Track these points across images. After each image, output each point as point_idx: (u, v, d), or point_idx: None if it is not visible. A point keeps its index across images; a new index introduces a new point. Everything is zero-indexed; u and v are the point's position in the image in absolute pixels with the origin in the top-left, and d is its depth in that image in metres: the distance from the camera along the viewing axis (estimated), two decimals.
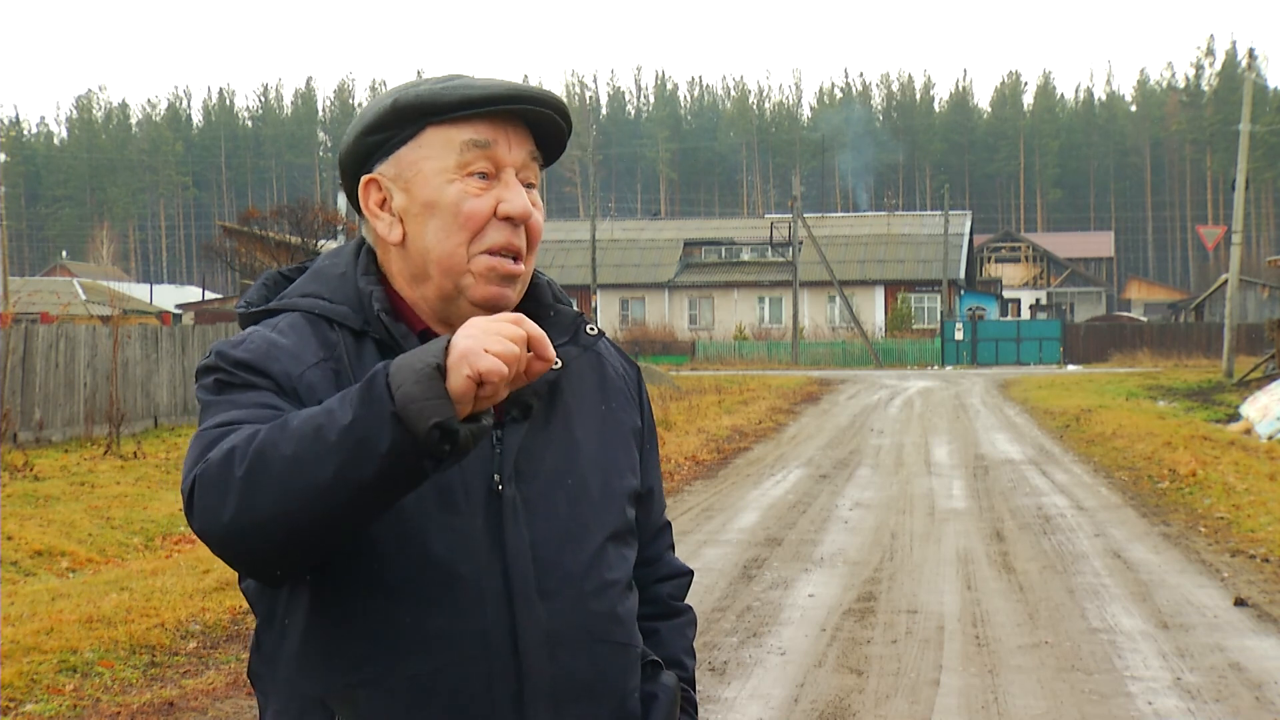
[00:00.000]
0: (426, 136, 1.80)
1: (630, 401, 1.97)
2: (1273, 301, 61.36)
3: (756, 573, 9.44)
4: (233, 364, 1.74)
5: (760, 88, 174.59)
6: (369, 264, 1.85)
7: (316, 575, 1.73)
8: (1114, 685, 6.48)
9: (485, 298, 1.78)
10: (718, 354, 58.80)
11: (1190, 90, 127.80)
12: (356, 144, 1.84)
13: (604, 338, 1.99)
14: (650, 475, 2.00)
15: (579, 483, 1.82)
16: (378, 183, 1.83)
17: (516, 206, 1.78)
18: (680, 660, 2.03)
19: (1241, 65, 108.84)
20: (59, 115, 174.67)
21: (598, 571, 1.81)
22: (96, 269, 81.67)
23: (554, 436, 1.82)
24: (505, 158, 1.80)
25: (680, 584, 2.08)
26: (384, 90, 1.93)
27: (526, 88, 1.81)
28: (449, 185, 1.78)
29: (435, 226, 1.78)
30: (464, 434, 1.53)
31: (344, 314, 1.80)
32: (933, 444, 19.62)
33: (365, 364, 1.75)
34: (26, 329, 17.90)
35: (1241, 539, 10.69)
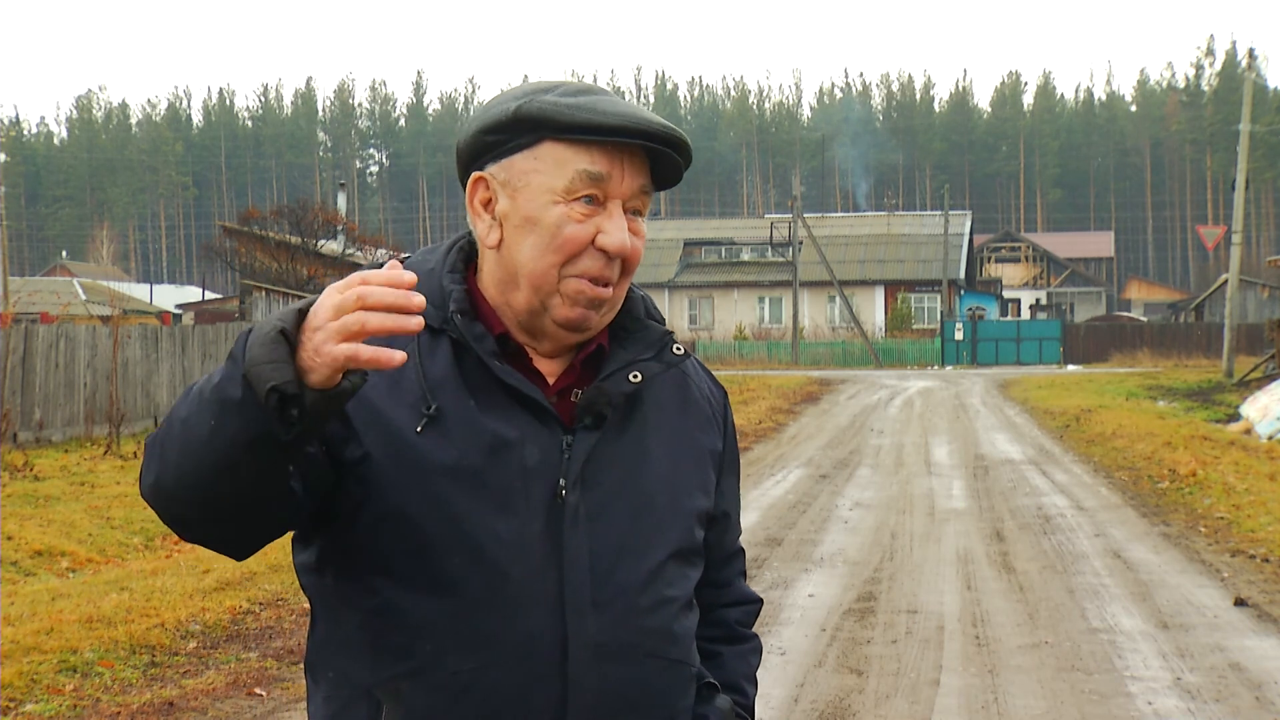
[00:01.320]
0: (543, 150, 1.77)
1: (713, 424, 1.97)
2: (1273, 301, 61.35)
3: (756, 573, 9.44)
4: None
5: (760, 88, 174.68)
6: (457, 262, 1.85)
7: (369, 567, 1.74)
8: (1114, 685, 6.48)
9: (568, 319, 1.78)
10: (718, 354, 58.80)
11: (1190, 90, 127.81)
12: (474, 140, 1.82)
13: (692, 358, 1.98)
14: (726, 500, 2.00)
15: (646, 496, 1.82)
16: (486, 182, 1.81)
17: (615, 242, 1.76)
18: (740, 686, 2.03)
19: (1241, 65, 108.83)
20: (59, 115, 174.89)
21: (655, 587, 1.81)
22: (96, 269, 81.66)
23: (626, 448, 1.82)
24: (616, 189, 1.77)
25: (749, 611, 2.09)
26: (505, 90, 1.89)
27: (652, 122, 1.77)
28: (554, 206, 1.76)
29: (532, 243, 1.76)
30: (310, 399, 1.50)
31: (425, 311, 1.73)
32: (933, 444, 19.62)
33: (438, 360, 1.77)
34: (26, 329, 17.90)
35: (1241, 539, 10.69)
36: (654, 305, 1.95)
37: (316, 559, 1.80)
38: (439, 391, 1.75)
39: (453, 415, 1.74)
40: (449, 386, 1.76)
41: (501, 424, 1.75)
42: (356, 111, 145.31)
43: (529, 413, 1.77)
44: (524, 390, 1.77)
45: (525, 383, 1.77)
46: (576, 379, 1.84)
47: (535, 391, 1.77)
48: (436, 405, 1.74)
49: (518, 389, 1.76)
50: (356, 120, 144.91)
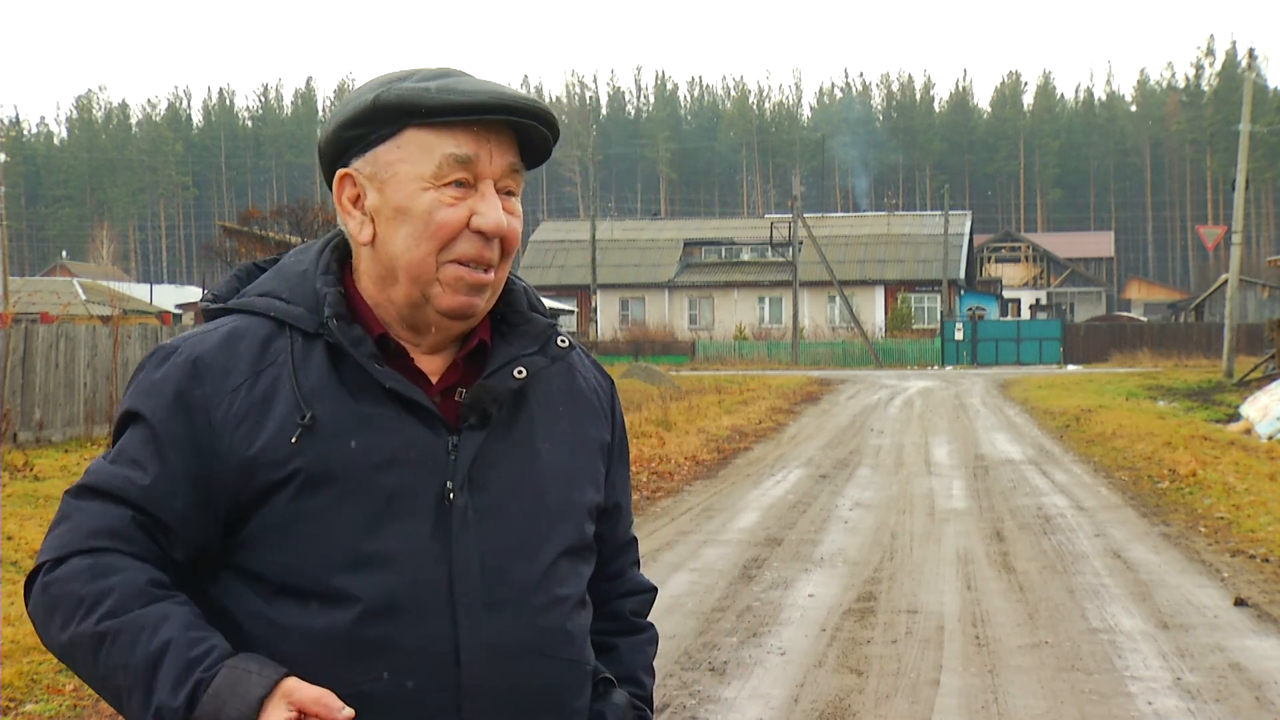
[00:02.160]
0: (406, 138, 1.74)
1: (600, 415, 1.93)
2: (1273, 301, 61.35)
3: (756, 573, 9.44)
4: (155, 381, 1.74)
5: (760, 88, 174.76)
6: (330, 263, 1.81)
7: (255, 583, 1.72)
8: (1114, 685, 6.48)
9: (452, 307, 1.75)
10: (718, 354, 58.81)
11: (1190, 90, 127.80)
12: (335, 136, 1.79)
13: (577, 349, 1.94)
14: (617, 491, 1.96)
15: (536, 494, 1.79)
16: (352, 178, 1.78)
17: (490, 221, 1.73)
18: (637, 678, 1.99)
19: (1241, 65, 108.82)
20: (59, 115, 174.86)
21: (548, 586, 1.78)
22: (96, 269, 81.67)
23: (514, 446, 1.79)
24: (485, 169, 1.75)
25: (643, 600, 2.04)
26: (362, 84, 1.84)
27: (514, 97, 1.74)
28: (423, 193, 1.73)
29: (406, 233, 1.73)
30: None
31: (298, 315, 1.76)
32: (933, 444, 19.62)
33: (312, 367, 1.73)
34: (26, 329, 17.90)
35: (1241, 539, 10.69)
36: (537, 297, 1.91)
37: (203, 581, 1.77)
38: (315, 400, 1.72)
39: (330, 423, 1.71)
40: (326, 393, 1.72)
41: (383, 428, 1.72)
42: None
43: (412, 415, 1.74)
44: (405, 393, 1.73)
45: (407, 384, 1.74)
46: (460, 377, 1.80)
47: (417, 393, 1.74)
48: (311, 414, 1.71)
49: (398, 391, 1.73)
50: None
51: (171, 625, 1.65)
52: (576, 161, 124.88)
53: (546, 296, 51.95)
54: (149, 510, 1.70)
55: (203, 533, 1.73)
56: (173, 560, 1.72)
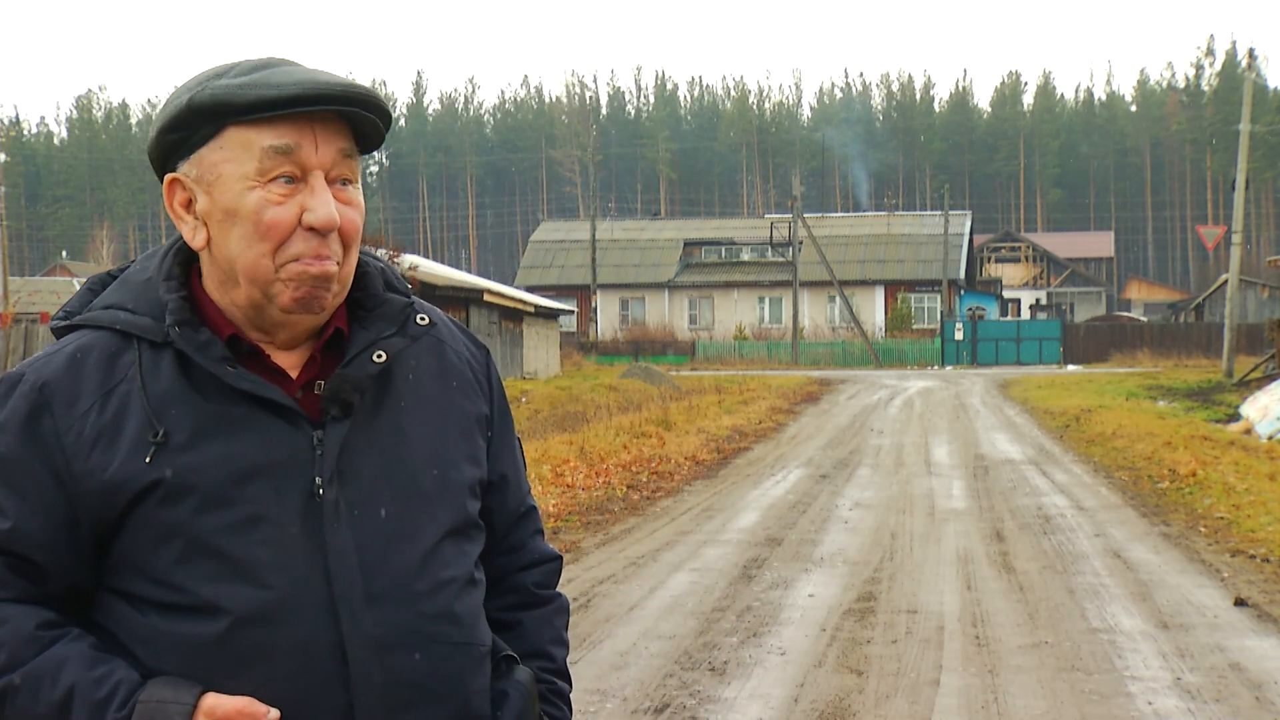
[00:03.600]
0: (227, 136, 1.68)
1: (475, 387, 1.89)
2: (1273, 301, 61.36)
3: (756, 573, 9.44)
4: (3, 442, 1.69)
5: (760, 88, 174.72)
6: (173, 268, 1.76)
7: (136, 601, 1.69)
8: (1114, 685, 6.48)
9: (296, 300, 1.70)
10: (718, 354, 58.82)
11: (1190, 90, 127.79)
12: (158, 141, 1.73)
13: (448, 324, 1.91)
14: (501, 462, 1.92)
15: (409, 479, 1.75)
16: (181, 182, 1.73)
17: (320, 217, 1.67)
18: (545, 651, 1.95)
19: (1241, 65, 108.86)
20: (59, 115, 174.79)
21: (431, 570, 1.74)
22: (96, 269, 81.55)
23: (381, 432, 1.75)
24: (311, 160, 1.69)
25: (548, 570, 1.99)
26: (180, 84, 1.78)
27: (331, 84, 1.68)
28: (249, 193, 1.67)
29: (238, 235, 1.68)
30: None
31: (144, 326, 1.72)
32: (933, 444, 19.62)
33: (161, 377, 1.69)
34: (26, 329, 17.92)
35: (1241, 539, 10.69)
36: (396, 276, 1.86)
37: (87, 608, 1.74)
38: (166, 412, 1.68)
39: (185, 435, 1.67)
40: (179, 403, 1.68)
41: (242, 433, 1.68)
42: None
43: (272, 414, 1.70)
44: (261, 392, 1.69)
45: (261, 384, 1.70)
46: (320, 369, 1.76)
47: (273, 391, 1.70)
48: (164, 430, 1.67)
49: (254, 392, 1.69)
50: None
51: (71, 668, 1.62)
52: (576, 161, 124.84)
53: (546, 296, 51.93)
54: (16, 552, 1.66)
55: (74, 562, 1.69)
56: (53, 595, 1.69)
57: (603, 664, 6.83)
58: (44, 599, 1.69)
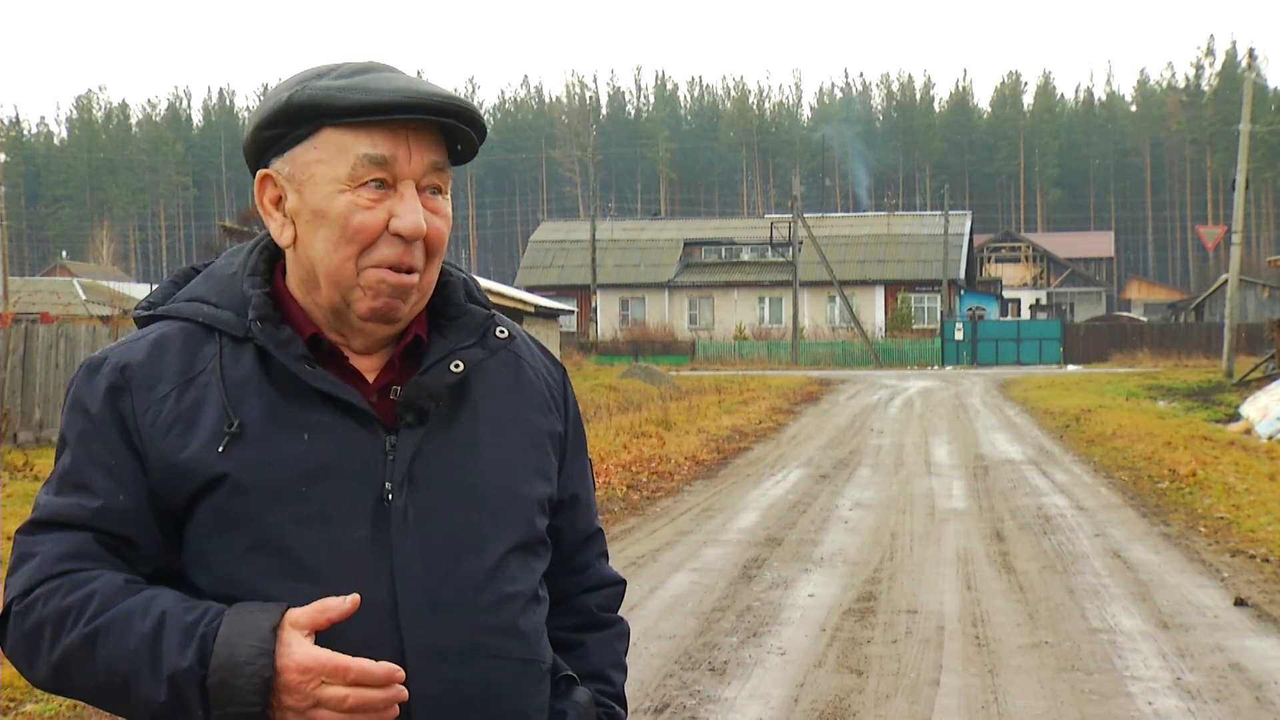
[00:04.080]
0: (322, 138, 1.69)
1: (551, 405, 1.88)
2: (1273, 301, 61.35)
3: (756, 573, 9.44)
4: (87, 398, 1.71)
5: (760, 88, 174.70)
6: (259, 263, 1.77)
7: (201, 590, 1.69)
8: (1114, 685, 6.48)
9: (373, 310, 1.70)
10: (718, 354, 58.81)
11: (1190, 90, 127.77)
12: (254, 137, 1.74)
13: (526, 340, 1.91)
14: (573, 482, 1.92)
15: (479, 491, 1.74)
16: (272, 179, 1.73)
17: (408, 224, 1.67)
18: (605, 674, 1.94)
19: (1241, 65, 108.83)
20: (59, 115, 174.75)
21: (497, 584, 1.73)
22: (96, 269, 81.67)
23: (455, 442, 1.74)
24: (404, 170, 1.69)
25: (610, 594, 1.99)
26: (283, 79, 1.79)
27: (431, 95, 1.68)
28: (339, 195, 1.67)
29: (324, 236, 1.68)
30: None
31: (226, 320, 1.73)
32: (933, 444, 19.62)
33: (241, 371, 1.70)
34: (26, 329, 17.90)
35: (1241, 539, 10.69)
36: (478, 287, 1.86)
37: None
38: (243, 406, 1.68)
39: (259, 429, 1.68)
40: (256, 398, 1.69)
41: (316, 433, 1.68)
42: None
43: (347, 416, 1.69)
44: (337, 394, 1.69)
45: (339, 385, 1.69)
46: (397, 374, 1.76)
47: (350, 394, 1.69)
48: (240, 421, 1.67)
49: (330, 393, 1.69)
50: None
51: (163, 599, 1.63)
52: (576, 161, 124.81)
53: (546, 296, 51.94)
54: (108, 529, 1.68)
55: (162, 541, 1.70)
56: (144, 575, 1.70)
57: None
58: (133, 572, 1.70)
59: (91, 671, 1.62)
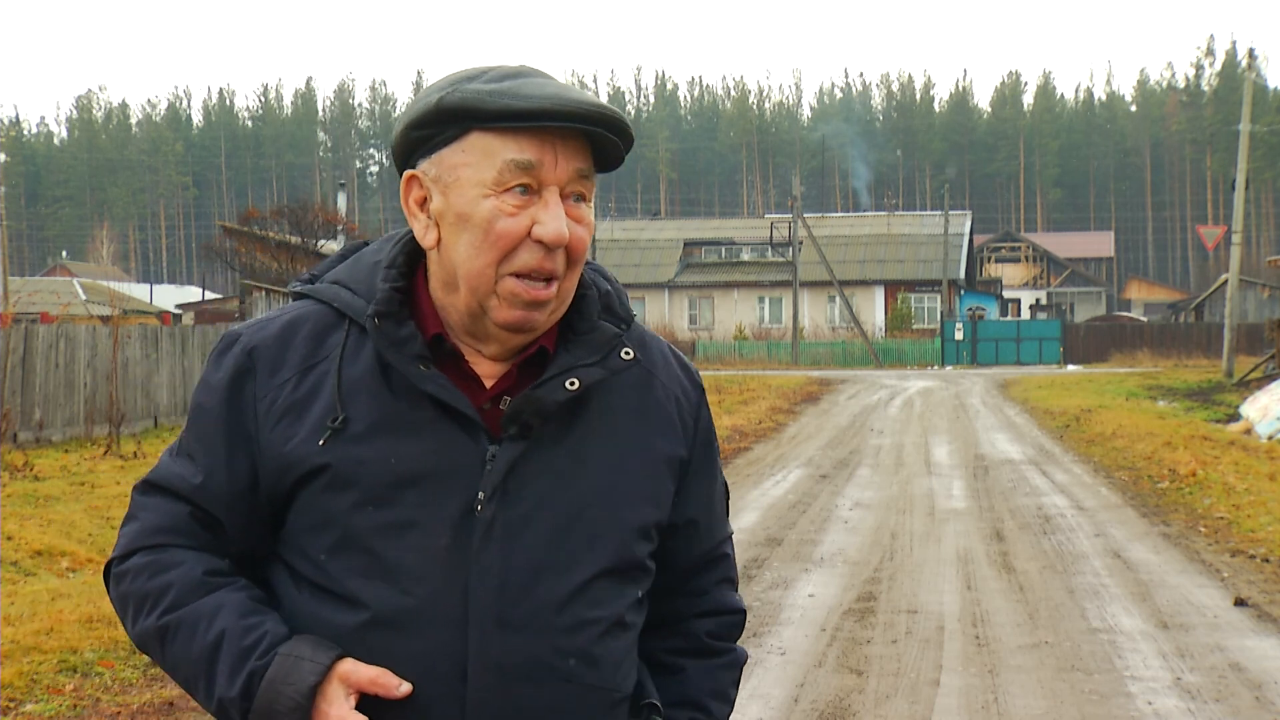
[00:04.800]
0: (470, 141, 1.69)
1: (677, 427, 1.84)
2: (1273, 301, 61.35)
3: (756, 572, 9.44)
4: (214, 374, 1.78)
5: (760, 88, 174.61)
6: (397, 257, 1.78)
7: (282, 580, 1.76)
8: (1114, 685, 6.48)
9: (508, 321, 1.70)
10: (718, 354, 58.80)
11: (1190, 90, 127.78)
12: (404, 136, 1.75)
13: (668, 359, 1.87)
14: (692, 506, 1.87)
15: (575, 510, 1.72)
16: (419, 180, 1.74)
17: (550, 231, 1.67)
18: (702, 704, 1.89)
19: (1241, 65, 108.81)
20: (59, 115, 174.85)
21: (576, 607, 1.71)
22: (96, 269, 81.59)
23: (559, 458, 1.73)
24: (549, 176, 1.69)
25: (725, 622, 1.94)
26: (426, 84, 1.83)
27: (579, 102, 1.68)
28: (484, 200, 1.68)
29: (466, 241, 1.69)
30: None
31: (358, 309, 1.74)
32: (933, 444, 19.62)
33: (360, 363, 1.73)
34: (26, 329, 17.90)
35: (1241, 539, 10.69)
36: (620, 302, 1.84)
37: (259, 568, 1.81)
38: (353, 400, 1.71)
39: (364, 425, 1.70)
40: (366, 392, 1.71)
41: (417, 433, 1.69)
42: (356, 111, 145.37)
43: (452, 421, 1.70)
44: (445, 398, 1.69)
45: (448, 389, 1.70)
46: (514, 384, 1.75)
47: (457, 398, 1.70)
48: (345, 416, 1.69)
49: (438, 396, 1.69)
50: (356, 120, 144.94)
51: (226, 614, 1.69)
52: None
53: None
54: (203, 506, 1.75)
55: (251, 526, 1.76)
56: (229, 554, 1.78)
57: None
58: (221, 551, 1.77)
59: (163, 660, 1.76)
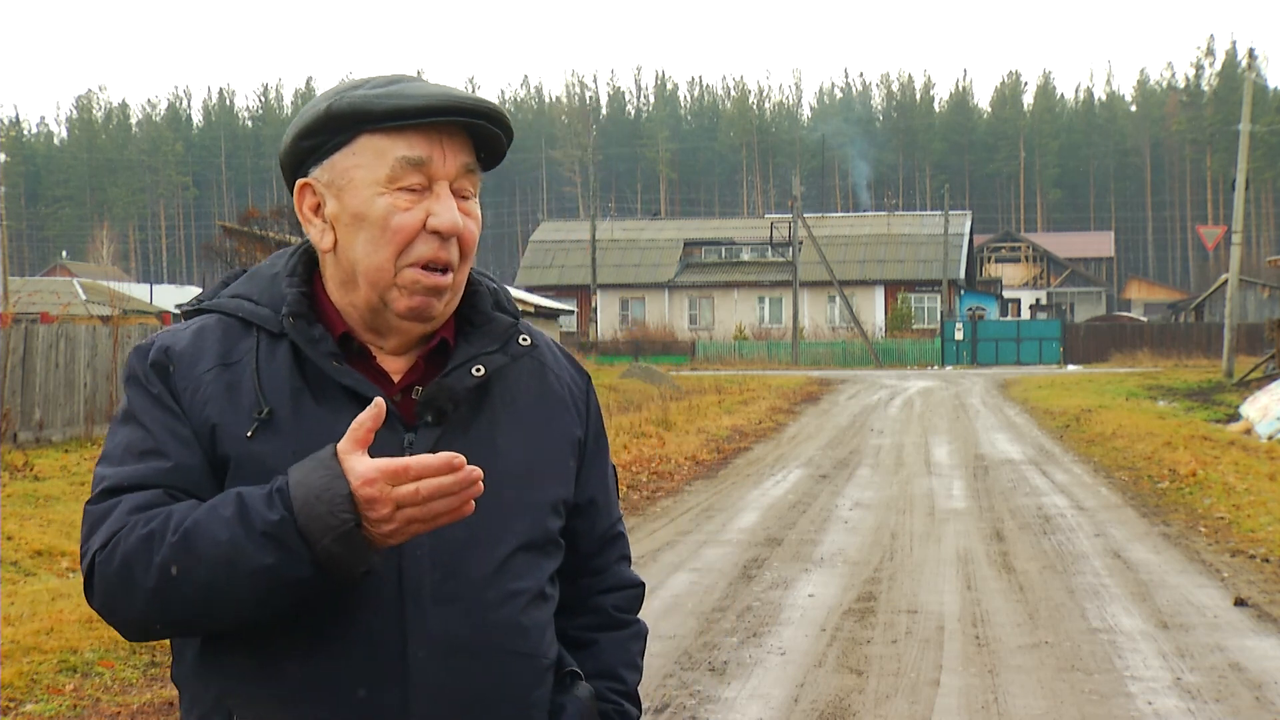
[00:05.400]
0: (360, 144, 1.78)
1: (573, 411, 1.96)
2: (1273, 301, 61.34)
3: (756, 573, 9.44)
4: (143, 375, 1.81)
5: (760, 88, 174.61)
6: (298, 265, 1.86)
7: None
8: (1114, 685, 6.48)
9: (410, 308, 1.79)
10: (718, 354, 58.80)
11: (1190, 90, 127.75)
12: (293, 147, 1.83)
13: (552, 348, 1.98)
14: (591, 486, 1.98)
15: (492, 490, 1.77)
16: (311, 187, 1.82)
17: (445, 222, 1.77)
18: (617, 673, 2.01)
19: (1241, 65, 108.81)
20: (59, 115, 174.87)
21: (502, 580, 1.80)
22: (96, 269, 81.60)
23: (472, 443, 1.80)
24: (439, 171, 1.78)
25: (628, 596, 2.05)
26: (317, 94, 1.89)
27: (464, 98, 1.78)
28: (379, 198, 1.76)
29: (364, 238, 1.77)
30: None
31: (264, 316, 1.82)
32: (933, 444, 19.62)
33: (275, 365, 1.79)
34: (26, 329, 17.90)
35: (1241, 539, 10.69)
36: (507, 298, 1.94)
37: None
38: (274, 395, 1.77)
39: (288, 419, 1.77)
40: (286, 390, 1.78)
41: (339, 425, 1.73)
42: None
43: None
44: (362, 390, 1.77)
45: (363, 382, 1.78)
46: (421, 376, 1.84)
47: (373, 390, 1.77)
48: (269, 409, 1.76)
49: (355, 389, 1.77)
50: None
51: (230, 491, 1.71)
52: (576, 161, 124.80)
53: (546, 296, 51.95)
54: (180, 486, 1.76)
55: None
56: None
57: None
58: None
59: (194, 569, 1.66)
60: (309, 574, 1.63)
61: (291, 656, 1.73)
